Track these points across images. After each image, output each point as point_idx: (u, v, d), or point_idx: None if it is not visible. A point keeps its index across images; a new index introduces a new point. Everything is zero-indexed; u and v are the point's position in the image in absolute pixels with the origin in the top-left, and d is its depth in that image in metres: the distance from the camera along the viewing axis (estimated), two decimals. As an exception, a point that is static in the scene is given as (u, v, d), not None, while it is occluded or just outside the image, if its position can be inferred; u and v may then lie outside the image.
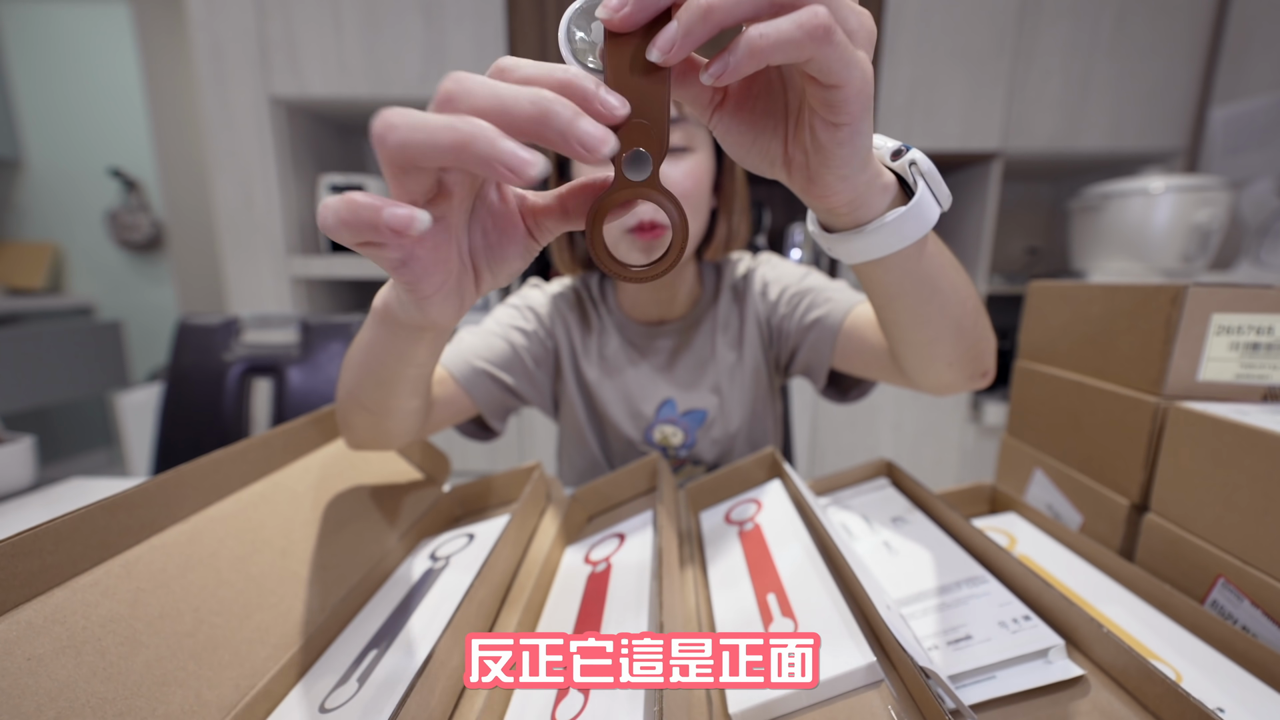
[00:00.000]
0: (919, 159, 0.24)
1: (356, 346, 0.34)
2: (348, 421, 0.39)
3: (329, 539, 0.35)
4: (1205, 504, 0.32)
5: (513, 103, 0.17)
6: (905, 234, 0.25)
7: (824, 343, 0.52)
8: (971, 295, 0.34)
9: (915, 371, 0.39)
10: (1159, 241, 1.22)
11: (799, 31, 0.16)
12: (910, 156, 0.24)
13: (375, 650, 0.29)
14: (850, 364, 0.51)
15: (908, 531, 0.37)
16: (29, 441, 0.58)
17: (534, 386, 0.58)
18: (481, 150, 0.16)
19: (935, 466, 1.52)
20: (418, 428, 0.42)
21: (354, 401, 0.36)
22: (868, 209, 0.24)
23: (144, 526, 0.27)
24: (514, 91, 0.17)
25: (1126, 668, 0.23)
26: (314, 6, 1.35)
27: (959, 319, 0.33)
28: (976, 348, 0.36)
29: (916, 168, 0.24)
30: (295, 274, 1.46)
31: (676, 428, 0.59)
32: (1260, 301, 0.34)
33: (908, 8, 1.35)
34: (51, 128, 2.09)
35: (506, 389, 0.55)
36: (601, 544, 0.37)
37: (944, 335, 0.34)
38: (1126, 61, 1.36)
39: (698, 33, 0.17)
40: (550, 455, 1.49)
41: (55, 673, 0.21)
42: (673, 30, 0.17)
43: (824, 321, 0.52)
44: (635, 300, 0.59)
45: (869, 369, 0.49)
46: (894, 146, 0.25)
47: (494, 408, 0.55)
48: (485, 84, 0.17)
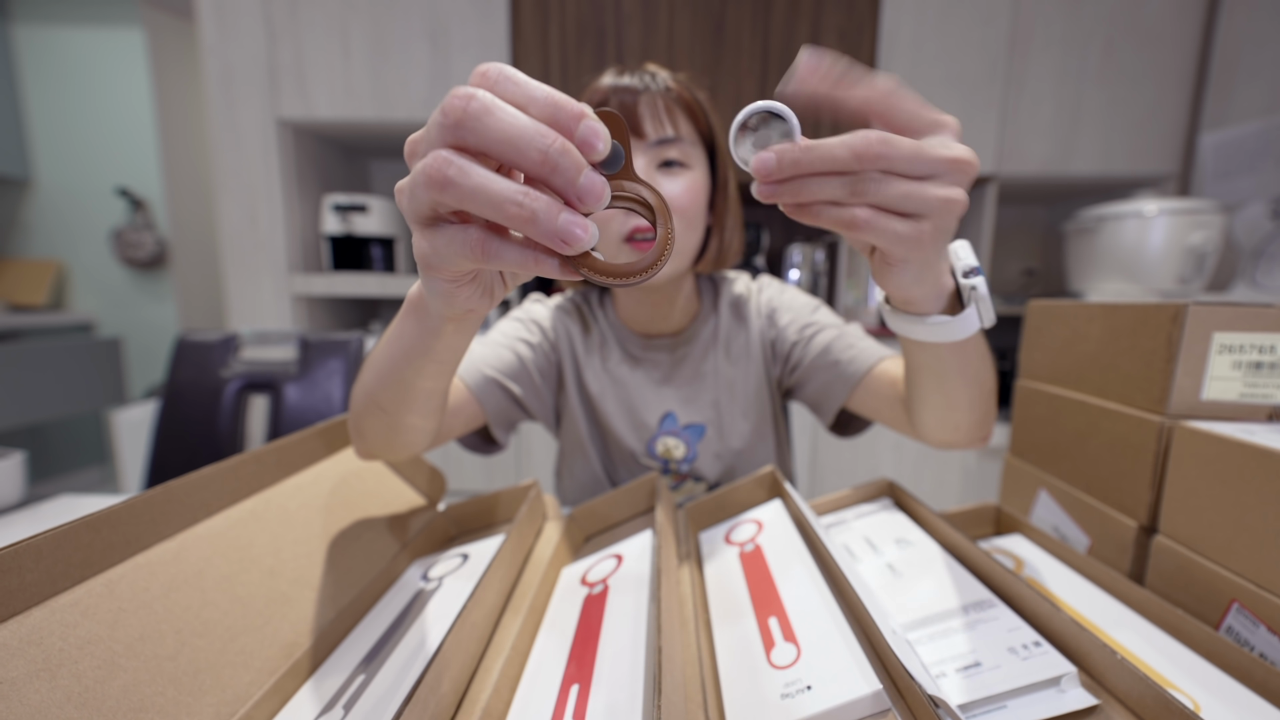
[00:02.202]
0: (979, 285, 0.30)
1: (381, 344, 0.34)
2: (361, 427, 0.38)
3: (319, 558, 0.34)
4: (1216, 525, 0.31)
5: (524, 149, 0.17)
6: (944, 335, 0.31)
7: (841, 384, 0.54)
8: (990, 378, 0.39)
9: (926, 429, 0.43)
10: (1155, 263, 1.23)
11: (837, 220, 0.23)
12: (974, 281, 0.30)
13: (363, 676, 0.28)
14: (864, 408, 0.54)
15: (912, 553, 0.36)
16: (19, 457, 0.57)
17: (539, 399, 0.59)
18: (544, 227, 0.17)
19: (936, 488, 1.51)
20: (430, 435, 0.41)
21: (372, 402, 0.36)
22: (920, 308, 0.30)
23: (128, 544, 0.26)
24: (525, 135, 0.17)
25: (1143, 697, 0.22)
26: (323, 32, 1.38)
27: (975, 398, 0.38)
28: (984, 420, 0.41)
29: (975, 293, 0.30)
30: (296, 292, 1.47)
31: (679, 440, 0.59)
32: (1261, 320, 0.34)
33: (901, 35, 1.39)
34: (62, 148, 2.12)
35: (514, 399, 0.56)
36: (599, 565, 0.36)
37: (960, 407, 0.39)
38: (1116, 88, 1.39)
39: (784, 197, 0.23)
40: (547, 474, 1.48)
41: (28, 698, 0.20)
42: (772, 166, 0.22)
43: (848, 366, 0.54)
44: (634, 313, 0.60)
45: (880, 416, 0.52)
46: (970, 264, 0.31)
47: (501, 418, 0.55)
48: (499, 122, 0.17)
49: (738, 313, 0.61)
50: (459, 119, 0.17)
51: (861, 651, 0.24)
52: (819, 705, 0.22)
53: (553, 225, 0.17)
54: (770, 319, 0.61)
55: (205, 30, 1.38)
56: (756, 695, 0.24)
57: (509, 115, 0.17)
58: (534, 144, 0.17)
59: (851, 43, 1.39)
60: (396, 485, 0.45)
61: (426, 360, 0.31)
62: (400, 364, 0.32)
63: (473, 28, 1.39)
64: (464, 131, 0.17)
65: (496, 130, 0.17)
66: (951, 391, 0.38)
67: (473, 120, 0.17)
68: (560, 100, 0.18)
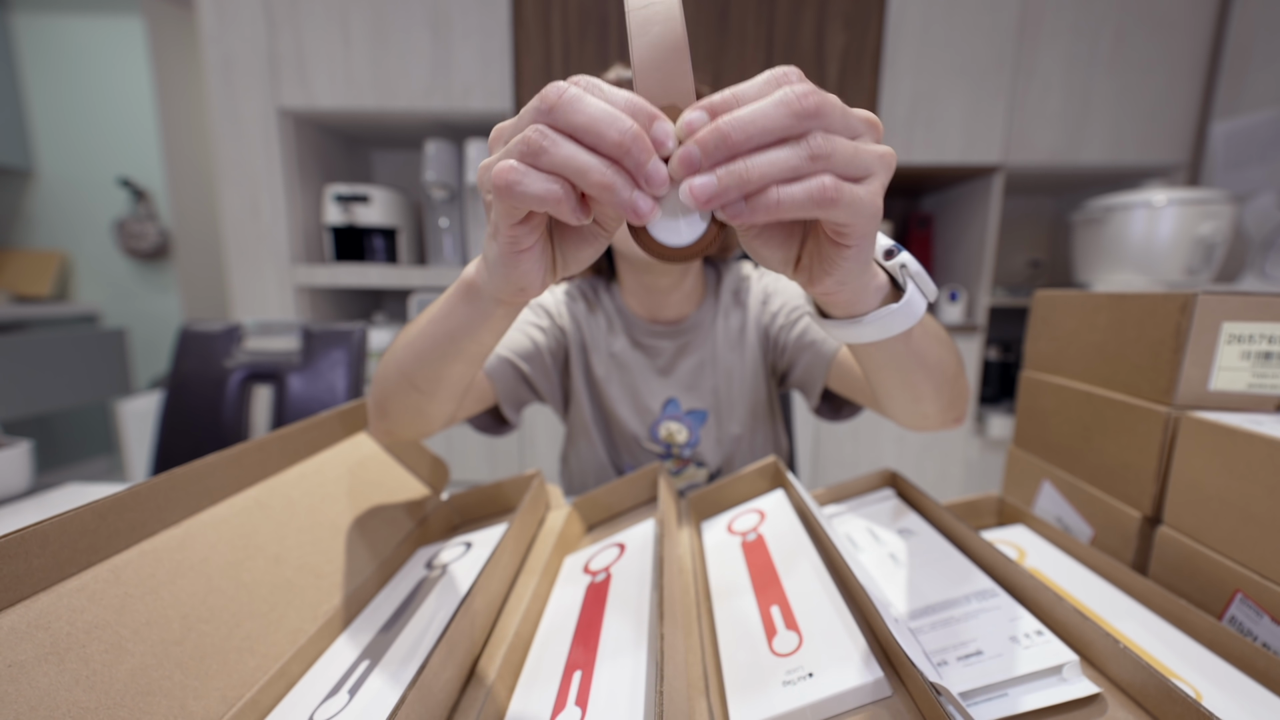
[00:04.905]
0: (908, 261, 0.27)
1: (422, 324, 0.35)
2: (387, 405, 0.39)
3: (324, 546, 0.34)
4: (1220, 516, 0.31)
5: (604, 132, 0.19)
6: (893, 326, 0.27)
7: (820, 364, 0.55)
8: (953, 362, 0.37)
9: (895, 415, 0.42)
10: (1163, 254, 1.22)
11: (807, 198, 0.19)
12: (901, 259, 0.27)
13: (368, 661, 0.28)
14: (842, 388, 0.54)
15: (914, 543, 0.36)
16: (26, 446, 0.58)
17: (548, 380, 0.60)
18: (620, 195, 0.20)
19: (939, 480, 1.51)
20: (449, 417, 0.43)
21: (406, 380, 0.37)
22: (861, 305, 0.27)
23: (134, 530, 0.27)
24: (607, 119, 0.19)
25: (1145, 685, 0.22)
26: (323, 20, 1.37)
27: (939, 384, 0.36)
28: (953, 404, 0.39)
29: (906, 270, 0.27)
30: (299, 283, 1.47)
31: (682, 425, 0.61)
32: (1271, 310, 0.33)
33: (908, 22, 1.37)
34: (63, 138, 2.11)
35: (524, 379, 0.57)
36: (602, 553, 0.36)
37: (925, 395, 0.37)
38: (1127, 76, 1.37)
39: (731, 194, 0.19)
40: (550, 465, 1.48)
41: (36, 681, 0.20)
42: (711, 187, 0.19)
43: (821, 345, 0.55)
44: (641, 299, 0.61)
45: (857, 396, 0.52)
46: (886, 245, 0.27)
47: (511, 396, 0.56)
48: (588, 107, 0.20)
49: (737, 299, 0.63)
50: (554, 104, 0.20)
51: (863, 639, 0.24)
52: (821, 692, 0.22)
53: (627, 195, 0.20)
54: (765, 304, 0.62)
55: (205, 19, 1.37)
56: (758, 682, 0.24)
57: (596, 103, 0.20)
58: (614, 127, 0.19)
59: (858, 31, 1.37)
60: (400, 474, 0.45)
61: (470, 342, 0.32)
62: (443, 343, 0.33)
63: (474, 16, 1.37)
64: (556, 114, 0.20)
65: (584, 114, 0.19)
66: (915, 385, 0.36)
67: (565, 105, 0.20)
68: (640, 103, 0.20)
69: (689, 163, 0.19)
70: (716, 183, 0.19)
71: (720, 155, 0.19)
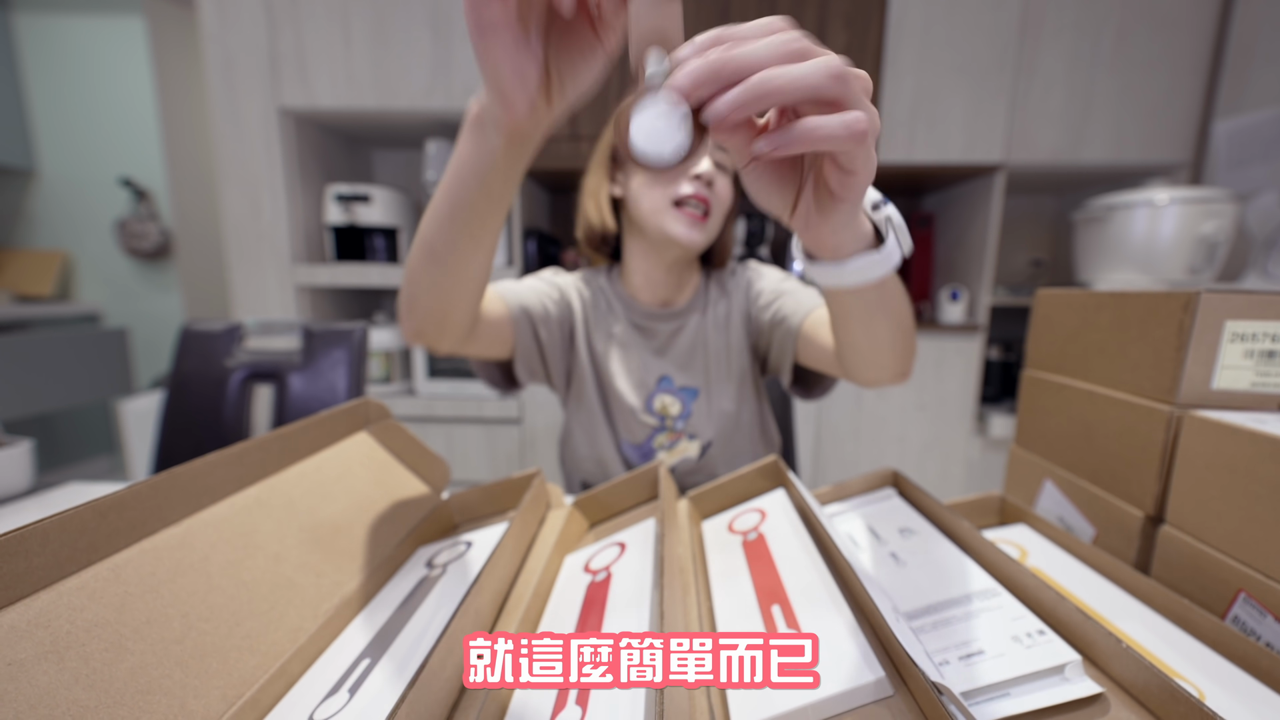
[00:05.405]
0: (893, 215, 0.30)
1: (439, 188, 0.36)
2: (413, 294, 0.42)
3: (324, 545, 0.34)
4: (1223, 515, 0.31)
5: None
6: (872, 273, 0.30)
7: (789, 339, 0.61)
8: (908, 315, 0.41)
9: (854, 369, 0.46)
10: (1165, 253, 1.21)
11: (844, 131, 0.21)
12: (886, 211, 0.30)
13: (368, 659, 0.28)
14: (808, 359, 0.59)
15: (916, 543, 0.36)
16: (27, 445, 0.58)
17: (555, 351, 0.66)
18: None
19: (940, 479, 1.51)
20: (469, 321, 0.46)
21: (426, 250, 0.38)
22: (846, 251, 0.30)
23: (134, 529, 0.27)
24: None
25: (1148, 685, 0.22)
26: (324, 20, 1.37)
27: (896, 336, 0.40)
28: (906, 355, 0.44)
29: (891, 222, 0.30)
30: (300, 282, 1.47)
31: (675, 398, 0.67)
32: (1274, 308, 0.33)
33: (910, 20, 1.36)
34: (65, 138, 2.12)
35: (538, 340, 0.63)
36: (602, 552, 0.36)
37: (884, 347, 0.41)
38: (1129, 75, 1.36)
39: (753, 106, 0.20)
40: (550, 465, 1.48)
41: (36, 679, 0.20)
42: (734, 96, 0.20)
43: (788, 322, 0.61)
44: (643, 286, 0.67)
45: (820, 363, 0.57)
46: (875, 199, 0.30)
47: (525, 353, 0.62)
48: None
49: (726, 289, 0.70)
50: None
51: (864, 639, 0.24)
52: (822, 692, 0.22)
53: None
54: (748, 290, 0.69)
55: (206, 18, 1.37)
56: (759, 681, 0.24)
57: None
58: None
59: (859, 29, 1.37)
60: (401, 473, 0.45)
61: (481, 195, 0.33)
62: (457, 191, 0.34)
63: (475, 15, 1.37)
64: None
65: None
66: (877, 333, 0.39)
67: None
68: None
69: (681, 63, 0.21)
70: (705, 66, 0.20)
71: (710, 50, 0.21)
